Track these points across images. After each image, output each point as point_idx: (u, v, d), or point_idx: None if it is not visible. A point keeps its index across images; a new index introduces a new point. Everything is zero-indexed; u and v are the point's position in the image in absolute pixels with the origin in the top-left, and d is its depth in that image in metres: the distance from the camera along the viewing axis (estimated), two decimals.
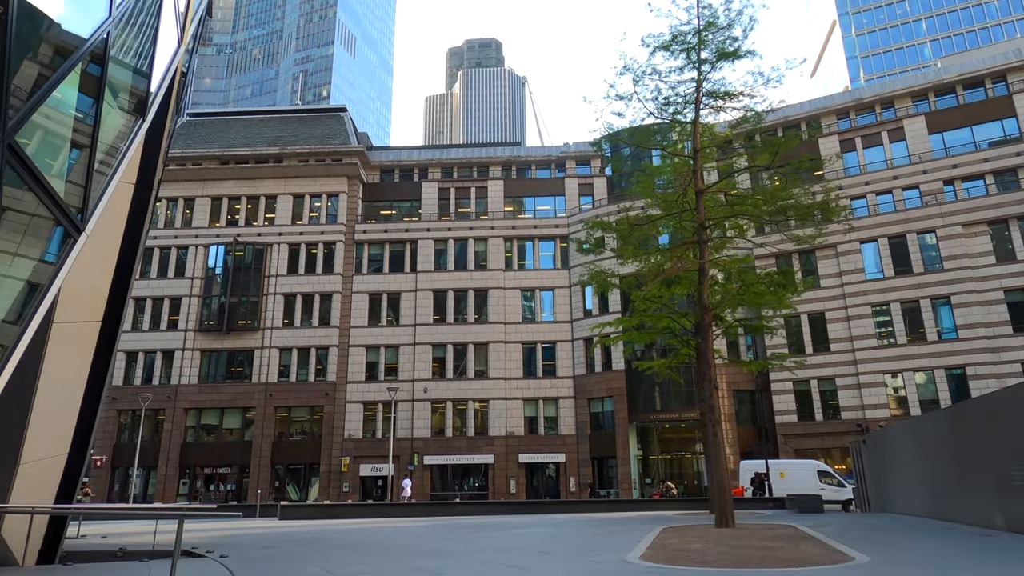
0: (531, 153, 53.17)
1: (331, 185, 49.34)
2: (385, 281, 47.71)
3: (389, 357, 46.17)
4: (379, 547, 14.00)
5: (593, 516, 25.05)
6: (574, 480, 43.09)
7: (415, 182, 51.39)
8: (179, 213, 49.40)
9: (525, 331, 46.35)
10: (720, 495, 16.16)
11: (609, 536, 15.14)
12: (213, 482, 44.62)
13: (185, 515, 9.11)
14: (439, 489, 44.05)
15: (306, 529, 20.53)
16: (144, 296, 47.18)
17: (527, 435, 44.33)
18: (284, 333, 46.13)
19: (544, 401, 45.01)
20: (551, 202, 50.46)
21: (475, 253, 48.21)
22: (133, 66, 9.65)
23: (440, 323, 46.43)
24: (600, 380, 43.78)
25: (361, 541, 15.57)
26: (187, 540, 16.96)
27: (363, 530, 19.50)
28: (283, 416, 45.39)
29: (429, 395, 44.77)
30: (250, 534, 18.98)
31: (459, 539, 15.57)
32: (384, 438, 43.55)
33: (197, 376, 45.59)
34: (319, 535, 17.86)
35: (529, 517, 25.47)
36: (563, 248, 48.47)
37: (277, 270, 47.47)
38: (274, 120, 55.00)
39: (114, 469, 44.18)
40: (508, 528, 18.70)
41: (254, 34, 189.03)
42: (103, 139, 8.44)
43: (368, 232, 48.57)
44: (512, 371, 45.36)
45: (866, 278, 39.64)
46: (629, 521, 20.63)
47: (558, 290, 47.26)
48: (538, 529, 17.96)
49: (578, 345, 45.54)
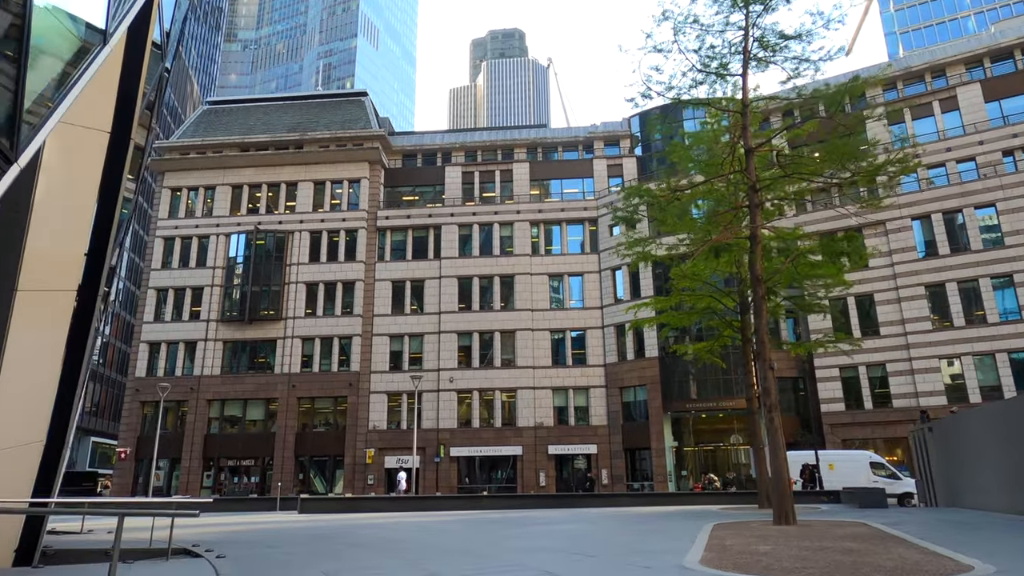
0: (557, 134, 51.25)
1: (352, 171, 48.08)
2: (408, 268, 46.35)
3: (413, 346, 44.86)
4: (396, 546, 12.48)
5: (630, 511, 23.34)
6: (606, 472, 41.33)
7: (438, 166, 49.88)
8: (200, 202, 48.62)
9: (553, 318, 44.62)
10: (779, 488, 14.36)
11: (655, 534, 13.42)
12: (237, 474, 43.86)
13: (126, 513, 7.58)
14: (466, 482, 42.68)
15: (323, 524, 19.17)
16: (166, 287, 46.54)
17: (557, 426, 42.67)
18: (306, 323, 45.09)
19: (574, 390, 43.28)
20: (579, 184, 48.55)
21: (501, 238, 46.57)
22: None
23: (465, 311, 44.94)
24: (632, 368, 41.89)
25: (377, 538, 14.08)
26: (192, 536, 15.68)
27: (382, 525, 18.06)
28: (306, 407, 44.39)
29: (455, 385, 43.35)
30: (262, 529, 17.67)
31: (485, 537, 14.00)
32: (409, 429, 42.25)
33: (220, 367, 44.80)
34: (334, 531, 16.45)
35: (560, 512, 23.85)
36: (592, 232, 46.56)
37: (299, 258, 46.41)
38: (294, 106, 53.93)
39: (138, 461, 43.60)
40: (539, 524, 17.10)
41: (278, 29, 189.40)
42: (39, 61, 7.00)
43: (391, 218, 47.22)
44: (540, 359, 43.70)
45: (918, 257, 37.08)
46: (672, 516, 18.88)
47: (587, 275, 45.40)
48: (572, 526, 16.32)
49: (609, 332, 43.68)
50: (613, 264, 44.47)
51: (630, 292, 43.28)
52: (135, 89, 10.15)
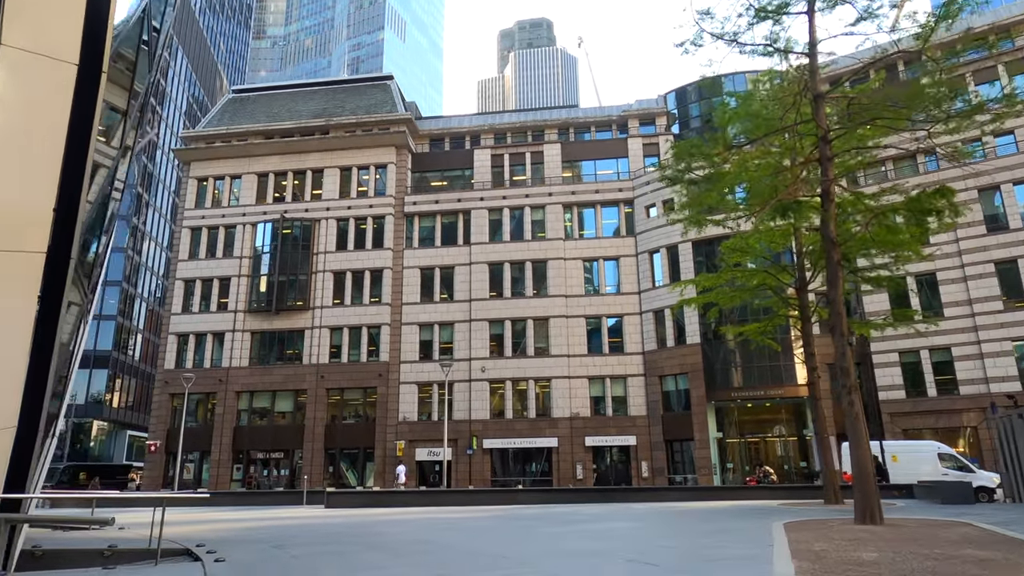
0: (590, 114, 49.17)
1: (379, 156, 46.73)
2: (437, 255, 44.86)
3: (444, 335, 43.40)
4: (419, 548, 10.87)
5: (678, 506, 21.44)
6: (647, 465, 39.38)
7: (466, 150, 48.24)
8: (226, 191, 47.85)
9: (588, 304, 42.70)
10: (863, 483, 12.39)
11: (722, 536, 11.56)
12: (267, 467, 43.03)
13: None
14: (499, 474, 41.14)
15: (345, 520, 17.72)
16: (193, 277, 45.88)
17: (593, 416, 40.83)
18: (334, 312, 43.97)
19: (611, 379, 41.35)
20: (613, 165, 46.45)
21: (532, 222, 44.76)
22: None
23: (496, 298, 43.28)
24: (673, 355, 39.78)
25: (400, 538, 12.50)
26: (200, 534, 14.32)
27: (409, 522, 16.52)
28: (336, 399, 43.30)
29: (487, 375, 41.78)
30: (278, 526, 16.29)
31: (522, 537, 12.30)
32: (440, 421, 40.85)
33: (248, 358, 43.99)
34: (355, 528, 14.96)
35: (602, 507, 22.08)
36: (628, 214, 44.44)
37: (325, 247, 45.29)
38: (319, 92, 52.82)
39: (169, 454, 43.04)
40: (583, 521, 15.36)
41: (306, 24, 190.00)
42: None
43: (418, 204, 45.77)
44: (575, 348, 41.85)
45: (985, 231, 34.20)
46: (731, 513, 16.96)
47: (623, 259, 43.33)
48: (621, 524, 14.55)
49: (647, 318, 41.60)
50: (651, 247, 42.35)
51: (669, 275, 41.12)
52: (105, 11, 8.62)
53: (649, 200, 43.19)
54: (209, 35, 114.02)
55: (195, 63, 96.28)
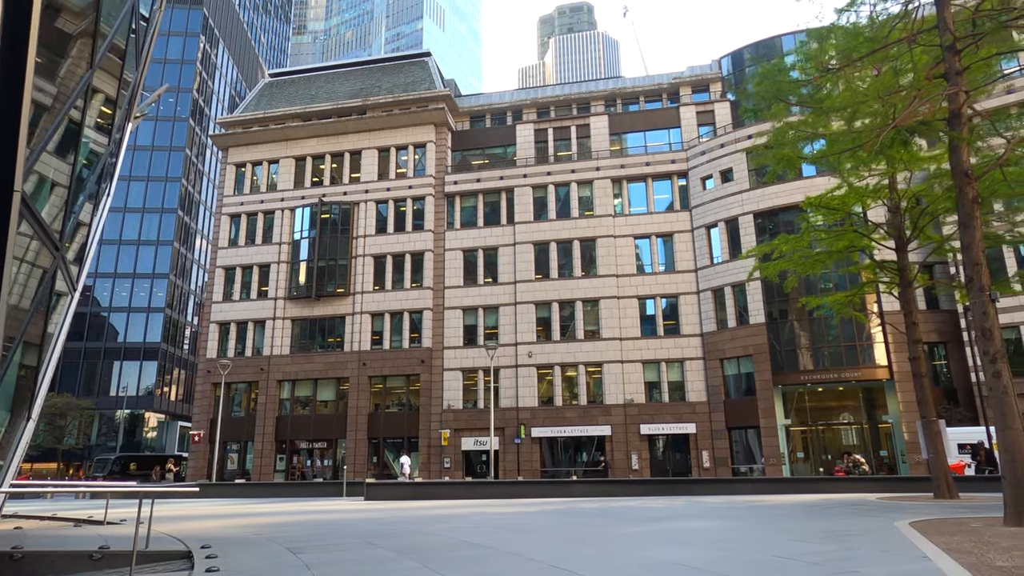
0: (638, 83, 46.25)
1: (418, 135, 44.91)
2: (480, 236, 42.85)
3: (488, 319, 41.43)
4: (466, 555, 8.80)
5: (760, 500, 18.90)
6: (707, 454, 36.68)
7: (508, 126, 46.00)
8: (264, 177, 46.84)
9: (641, 284, 40.08)
10: (1015, 475, 9.76)
11: (842, 540, 9.13)
12: (311, 457, 41.93)
13: None
14: (549, 465, 39.04)
15: (383, 516, 15.84)
16: (233, 265, 45.05)
17: (649, 403, 38.29)
18: (375, 297, 42.47)
19: (667, 364, 38.70)
20: (664, 136, 43.52)
21: (579, 199, 42.30)
22: None
23: (543, 279, 41.04)
24: (734, 337, 36.89)
25: (443, 541, 10.46)
26: (216, 532, 12.61)
27: (453, 519, 14.51)
28: (378, 387, 41.83)
29: (534, 360, 39.64)
30: (307, 522, 14.50)
31: (594, 541, 10.11)
32: (486, 409, 38.98)
33: (289, 346, 42.92)
34: (392, 526, 13.02)
35: (669, 501, 19.71)
36: (682, 187, 41.54)
37: (365, 230, 43.80)
38: (356, 73, 51.31)
39: (213, 444, 42.36)
40: (657, 519, 13.09)
41: (346, 17, 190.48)
42: None
43: (459, 183, 43.80)
44: (628, 330, 39.32)
45: None
46: (829, 509, 14.41)
47: (678, 235, 40.50)
48: (702, 523, 12.22)
49: (705, 297, 38.76)
50: (707, 221, 39.41)
51: (729, 250, 38.16)
52: None
53: (705, 171, 40.21)
54: (251, 31, 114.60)
55: (238, 59, 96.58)
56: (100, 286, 69.75)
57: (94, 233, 11.89)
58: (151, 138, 73.62)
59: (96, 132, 10.67)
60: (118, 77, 10.69)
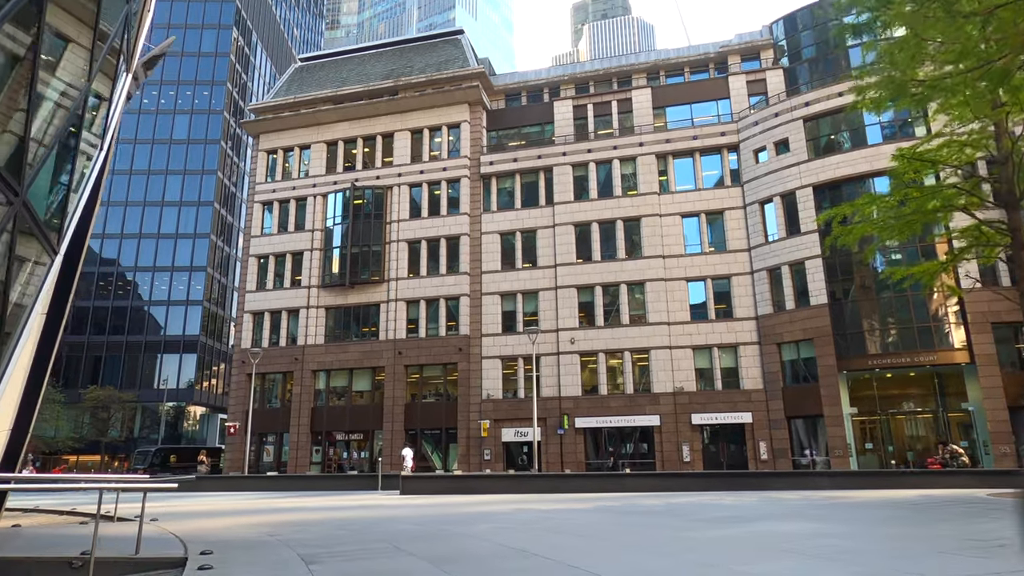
0: (682, 54, 43.63)
1: (451, 115, 43.18)
2: (518, 218, 40.95)
3: (528, 305, 39.56)
4: (508, 565, 6.97)
5: (837, 496, 16.63)
6: (765, 445, 34.22)
7: (545, 103, 43.92)
8: (295, 162, 45.75)
9: (690, 265, 37.67)
10: None
11: (993, 552, 6.99)
12: (347, 449, 40.77)
13: None
14: (593, 457, 37.06)
15: (418, 513, 14.14)
16: (266, 253, 44.11)
17: (700, 391, 35.95)
18: (410, 284, 40.99)
19: (719, 349, 36.28)
20: (711, 108, 40.90)
21: (622, 176, 40.04)
22: None
23: (585, 262, 38.95)
24: (793, 319, 34.26)
25: (487, 548, 8.63)
26: (231, 532, 11.04)
27: (497, 517, 12.70)
28: (415, 377, 40.37)
29: (576, 347, 37.65)
30: (335, 520, 12.88)
31: (659, 548, 8.17)
32: (528, 398, 37.18)
33: (323, 335, 41.78)
34: (427, 526, 11.27)
35: (733, 496, 17.60)
36: (732, 161, 38.92)
37: (398, 215, 42.33)
38: (387, 53, 49.80)
39: (250, 436, 41.51)
40: (732, 521, 11.06)
41: (378, 10, 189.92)
42: None
43: (495, 163, 41.94)
44: (676, 314, 37.00)
45: None
46: (942, 507, 12.17)
47: (729, 212, 37.95)
48: (789, 525, 10.16)
49: (760, 278, 36.17)
50: (761, 196, 36.77)
51: (786, 227, 35.49)
52: None
53: (758, 143, 37.53)
54: (284, 26, 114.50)
55: (272, 52, 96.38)
56: (140, 279, 70.15)
57: (79, 192, 10.39)
58: (187, 132, 73.66)
59: (63, 81, 9.14)
60: (92, 26, 9.11)
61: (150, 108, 74.06)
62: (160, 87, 74.85)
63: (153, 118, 73.64)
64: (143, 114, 73.64)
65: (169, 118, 73.86)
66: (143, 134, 72.95)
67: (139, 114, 73.57)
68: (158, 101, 74.47)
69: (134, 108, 73.81)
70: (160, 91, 74.75)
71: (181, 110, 74.24)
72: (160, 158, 72.30)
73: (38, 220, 8.64)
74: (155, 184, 71.40)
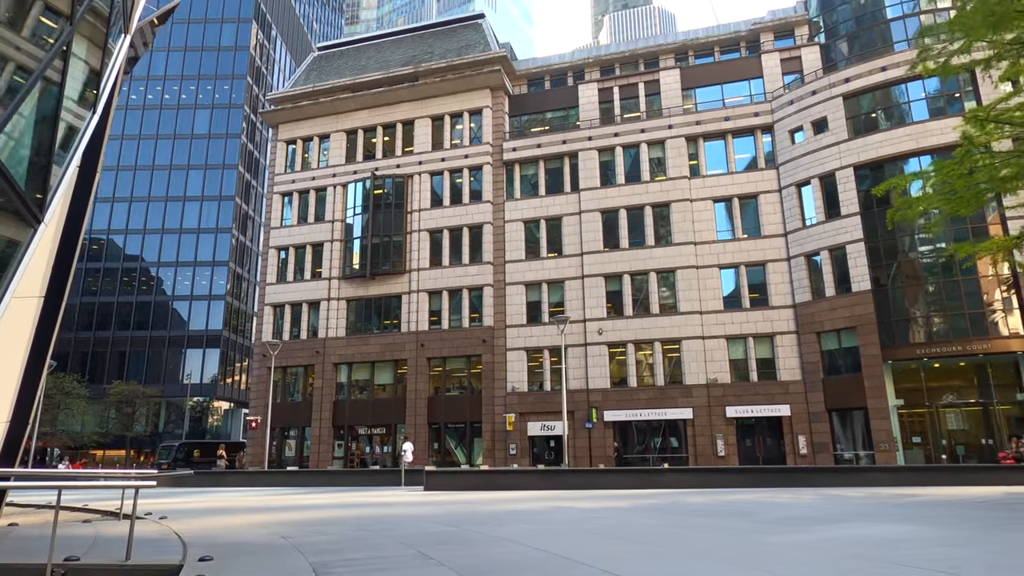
0: (712, 33, 41.90)
1: (473, 100, 41.98)
2: (542, 205, 39.66)
3: (553, 295, 38.31)
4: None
5: (903, 493, 15.18)
6: (804, 439, 32.63)
7: (569, 87, 42.49)
8: (315, 152, 44.93)
9: (723, 251, 36.11)
10: None
11: None
12: (370, 443, 39.93)
13: None
14: (623, 451, 35.74)
15: (443, 511, 13.01)
16: (286, 245, 43.38)
17: (735, 383, 34.44)
18: (432, 274, 39.95)
19: (754, 339, 34.71)
20: (743, 88, 39.17)
21: (650, 160, 38.53)
22: None
23: (612, 250, 37.56)
24: (834, 307, 32.56)
25: (520, 555, 7.47)
26: (241, 532, 10.00)
27: (529, 517, 11.51)
28: (438, 369, 39.35)
29: (605, 337, 36.32)
30: (354, 518, 11.81)
31: (735, 558, 6.96)
32: (554, 391, 35.99)
33: (344, 327, 40.94)
34: (452, 527, 10.13)
35: (789, 494, 16.24)
36: (766, 143, 37.23)
37: (419, 204, 41.29)
38: (407, 40, 48.71)
39: (272, 430, 40.88)
40: (805, 522, 9.76)
41: (397, 4, 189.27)
42: None
43: (518, 149, 40.68)
44: (709, 303, 35.50)
45: None
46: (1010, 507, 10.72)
47: (763, 196, 36.28)
48: (876, 528, 8.85)
49: (797, 264, 34.51)
50: (798, 179, 35.06)
51: (825, 210, 33.75)
52: None
53: (794, 123, 35.80)
54: (304, 22, 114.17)
55: (292, 49, 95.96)
56: (163, 274, 70.14)
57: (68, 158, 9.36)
58: (208, 126, 73.42)
59: (30, 42, 8.09)
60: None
61: (171, 103, 73.97)
62: (181, 82, 74.73)
63: (174, 113, 73.53)
64: (164, 109, 73.59)
65: (190, 113, 73.68)
66: (164, 129, 72.89)
67: (160, 110, 73.57)
68: (179, 96, 74.34)
69: (154, 104, 73.87)
70: (181, 86, 74.62)
71: (202, 105, 74.00)
72: (182, 153, 72.18)
73: (14, 185, 7.63)
74: (177, 179, 71.29)
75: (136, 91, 74.31)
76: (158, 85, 74.63)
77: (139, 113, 73.41)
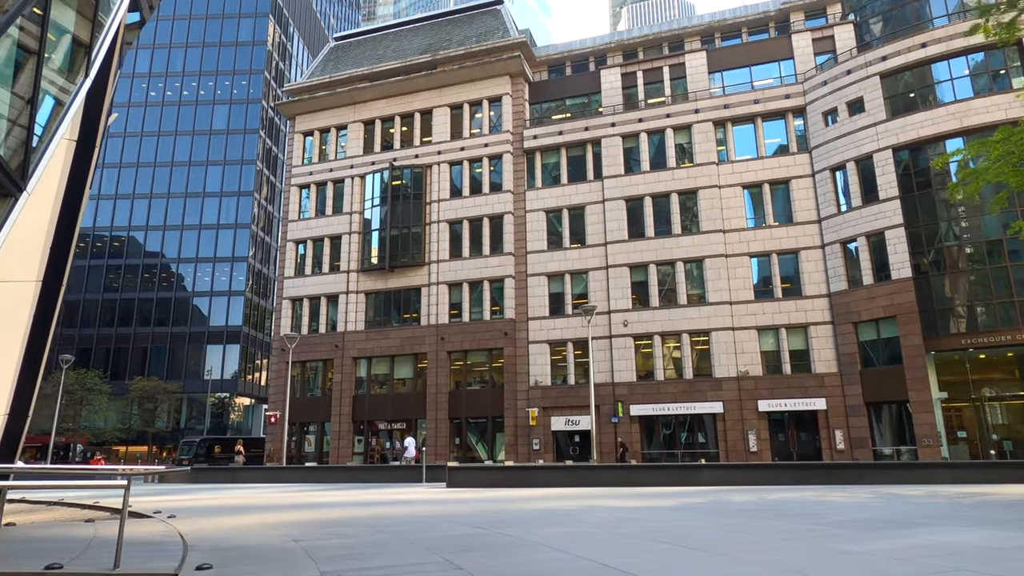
0: (739, 13, 40.43)
1: (492, 88, 40.96)
2: (564, 194, 38.56)
3: (576, 286, 37.23)
4: None
5: (970, 491, 13.96)
6: (841, 434, 31.25)
7: (591, 72, 41.28)
8: (332, 144, 44.22)
9: (753, 239, 34.76)
10: None
11: None
12: (390, 438, 39.20)
13: None
14: (649, 447, 34.62)
15: (467, 511, 12.06)
16: (304, 238, 42.76)
17: (767, 375, 33.13)
18: (452, 266, 39.07)
19: (787, 330, 33.36)
20: (773, 70, 37.71)
21: (676, 146, 37.25)
22: None
23: (637, 239, 36.37)
24: (872, 295, 31.10)
25: (565, 564, 6.47)
26: (245, 534, 9.12)
27: (563, 517, 10.52)
28: (458, 363, 38.48)
29: (630, 329, 35.18)
30: (371, 518, 10.90)
31: (809, 572, 5.85)
32: (578, 384, 34.95)
33: (363, 321, 40.23)
34: (481, 530, 9.16)
35: (841, 492, 15.08)
36: (798, 126, 35.77)
37: (439, 194, 40.40)
38: (425, 28, 47.79)
39: (291, 425, 40.34)
40: (869, 524, 8.68)
41: None
42: None
43: (539, 137, 39.59)
44: (739, 293, 34.19)
45: None
46: None
47: (795, 181, 34.85)
48: (964, 535, 7.76)
49: (832, 252, 33.07)
50: (832, 163, 33.59)
51: (862, 195, 32.26)
52: None
53: (828, 104, 34.30)
54: (322, 18, 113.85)
55: (310, 44, 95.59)
56: (184, 271, 70.14)
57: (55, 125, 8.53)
58: (226, 122, 73.20)
59: None
60: None
61: (189, 99, 73.87)
62: (199, 78, 74.58)
63: (193, 109, 73.40)
64: (183, 106, 73.51)
65: (208, 108, 73.51)
66: (183, 126, 72.78)
67: (179, 106, 73.47)
68: (197, 92, 74.19)
69: (173, 100, 73.81)
70: (199, 82, 74.47)
71: (220, 100, 73.80)
72: (200, 149, 72.02)
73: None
74: (196, 175, 71.17)
75: (155, 87, 74.35)
76: (177, 81, 74.56)
77: (158, 109, 73.41)
